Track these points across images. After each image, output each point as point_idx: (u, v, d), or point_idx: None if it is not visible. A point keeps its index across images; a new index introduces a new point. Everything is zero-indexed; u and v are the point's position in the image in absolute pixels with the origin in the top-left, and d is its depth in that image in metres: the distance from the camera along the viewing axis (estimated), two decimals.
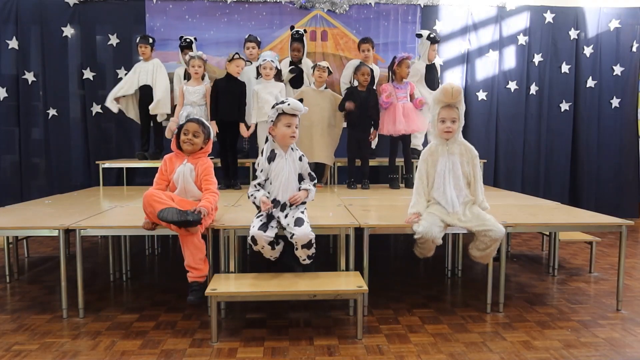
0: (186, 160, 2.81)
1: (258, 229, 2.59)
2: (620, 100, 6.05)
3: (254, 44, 5.21)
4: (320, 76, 4.59)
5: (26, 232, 3.27)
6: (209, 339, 2.48)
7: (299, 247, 2.64)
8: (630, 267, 3.94)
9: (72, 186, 5.38)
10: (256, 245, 2.62)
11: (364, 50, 5.09)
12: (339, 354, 2.33)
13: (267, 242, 2.61)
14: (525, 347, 2.43)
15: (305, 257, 2.69)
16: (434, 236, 2.70)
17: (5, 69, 5.51)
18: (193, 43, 5.16)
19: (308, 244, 2.62)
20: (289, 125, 2.69)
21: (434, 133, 2.88)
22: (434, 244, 2.75)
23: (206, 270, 2.72)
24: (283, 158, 2.75)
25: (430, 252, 2.85)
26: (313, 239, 2.63)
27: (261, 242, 2.60)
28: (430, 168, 2.87)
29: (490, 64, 5.89)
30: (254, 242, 2.61)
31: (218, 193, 2.83)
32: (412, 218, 2.83)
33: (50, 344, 2.44)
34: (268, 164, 2.74)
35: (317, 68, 4.60)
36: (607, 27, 5.97)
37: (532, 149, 6.01)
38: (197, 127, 2.80)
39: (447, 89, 2.73)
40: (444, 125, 2.79)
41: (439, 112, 2.80)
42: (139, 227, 2.72)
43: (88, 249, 4.54)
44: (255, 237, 2.58)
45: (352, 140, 4.67)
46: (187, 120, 2.85)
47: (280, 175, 2.73)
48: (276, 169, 2.74)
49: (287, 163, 2.74)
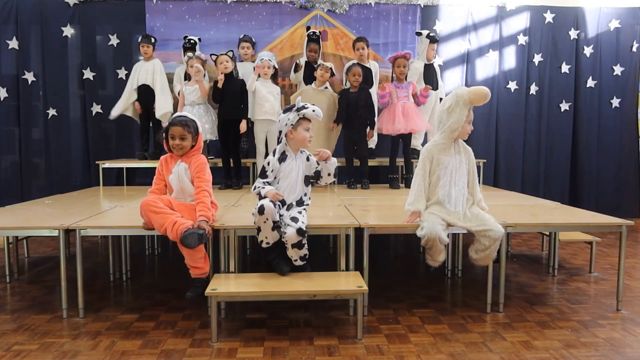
0: (180, 160, 2.81)
1: (269, 201, 2.58)
2: (620, 100, 6.05)
3: (248, 44, 5.22)
4: (323, 75, 4.61)
5: (26, 232, 3.27)
6: (209, 339, 2.48)
7: (289, 246, 2.61)
8: (630, 267, 3.94)
9: (72, 186, 5.39)
10: (261, 215, 2.53)
11: (359, 48, 5.10)
12: (339, 354, 2.33)
13: (273, 217, 2.56)
14: (525, 347, 2.43)
15: (297, 258, 2.65)
16: (439, 234, 2.68)
17: (5, 69, 5.52)
18: (197, 44, 5.17)
19: (298, 244, 2.59)
20: (307, 130, 2.75)
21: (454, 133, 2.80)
22: (441, 244, 2.72)
23: (207, 268, 2.71)
24: (293, 160, 2.77)
25: (441, 256, 2.80)
26: (304, 240, 2.59)
27: (268, 214, 2.53)
28: (435, 166, 2.85)
29: (490, 64, 5.89)
30: (260, 211, 2.53)
31: (209, 190, 2.78)
32: (413, 218, 2.82)
33: (50, 344, 2.44)
34: (279, 164, 2.76)
35: (321, 67, 4.63)
36: (607, 27, 5.97)
37: (532, 149, 6.01)
38: (182, 130, 2.73)
39: (484, 93, 2.72)
40: (470, 126, 2.83)
41: (468, 114, 2.78)
42: (139, 227, 2.72)
43: (88, 249, 4.54)
44: (265, 206, 2.53)
45: (348, 141, 4.69)
46: (170, 124, 2.76)
47: (289, 176, 2.75)
48: (286, 169, 2.76)
49: (296, 164, 2.76)
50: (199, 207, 2.70)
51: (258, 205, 2.56)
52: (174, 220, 2.57)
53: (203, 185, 2.76)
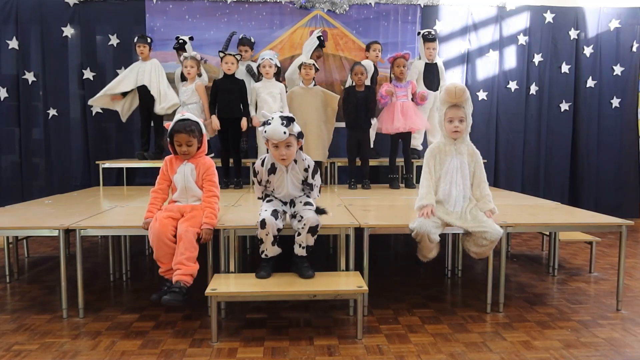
0: (186, 161, 2.82)
1: (270, 215, 2.57)
2: (620, 100, 6.05)
3: (247, 47, 5.22)
4: (307, 74, 4.57)
5: (26, 232, 3.27)
6: (209, 339, 2.48)
7: (304, 231, 2.59)
8: (630, 267, 3.94)
9: (72, 186, 5.39)
10: (263, 229, 2.56)
11: (375, 50, 5.23)
12: (339, 354, 2.33)
13: (273, 231, 2.58)
14: (525, 347, 2.43)
15: (305, 245, 2.65)
16: (428, 231, 2.69)
17: (5, 69, 5.52)
18: (187, 44, 5.12)
19: (315, 228, 2.61)
20: (276, 147, 2.57)
21: (442, 133, 2.90)
22: (430, 243, 2.74)
23: (194, 270, 2.62)
24: (283, 172, 2.71)
25: (431, 253, 2.84)
26: (320, 226, 2.62)
27: (269, 229, 2.56)
28: (437, 165, 2.87)
29: (490, 64, 5.89)
30: (262, 225, 2.55)
31: (219, 194, 2.83)
32: (425, 211, 2.78)
33: (50, 344, 2.44)
34: (268, 175, 2.73)
35: (304, 66, 4.57)
36: (607, 27, 5.97)
37: (532, 149, 6.01)
38: (187, 137, 2.71)
39: (451, 89, 2.74)
40: (452, 125, 2.81)
41: (445, 112, 2.81)
42: (139, 227, 2.72)
43: (88, 249, 4.54)
44: (266, 221, 2.54)
45: (352, 141, 4.66)
46: (174, 130, 2.73)
47: (282, 187, 2.74)
48: (278, 180, 2.73)
49: (287, 176, 2.71)
50: (206, 212, 2.72)
51: (259, 219, 2.58)
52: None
53: (214, 190, 2.79)
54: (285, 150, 2.58)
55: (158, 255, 2.65)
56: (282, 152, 2.58)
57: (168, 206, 2.79)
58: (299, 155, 2.71)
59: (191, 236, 2.62)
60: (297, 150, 2.68)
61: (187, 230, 2.61)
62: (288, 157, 2.61)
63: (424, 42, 5.20)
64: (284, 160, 2.62)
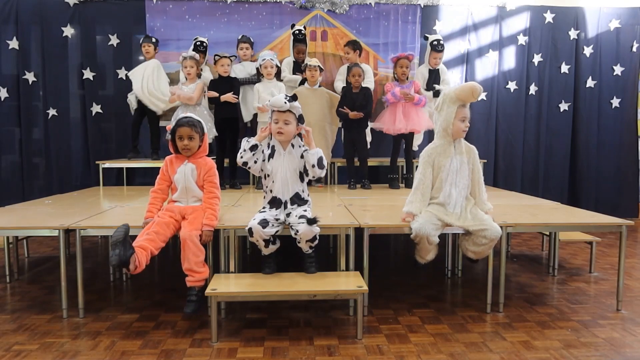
0: (187, 161, 2.82)
1: (258, 223, 2.60)
2: (620, 100, 6.05)
3: (247, 44, 5.22)
4: (313, 75, 4.58)
5: (26, 232, 3.27)
6: (209, 339, 2.48)
7: (302, 241, 2.65)
8: (630, 267, 3.94)
9: (72, 186, 5.39)
10: (252, 237, 2.64)
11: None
12: (339, 354, 2.33)
13: (262, 239, 2.63)
14: (525, 347, 2.43)
15: (308, 248, 2.72)
16: (428, 233, 2.69)
17: (5, 69, 5.51)
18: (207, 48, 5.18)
19: (311, 240, 2.66)
20: (276, 121, 2.68)
21: (447, 132, 2.79)
22: (430, 244, 2.74)
23: (206, 274, 2.70)
24: (281, 155, 2.75)
25: (429, 254, 2.84)
26: (317, 233, 2.65)
27: (257, 237, 2.62)
28: (437, 170, 2.84)
29: (490, 64, 5.89)
30: (250, 234, 2.63)
31: (220, 196, 2.86)
32: (406, 218, 2.83)
33: (50, 344, 2.44)
34: (268, 160, 2.76)
35: (309, 68, 4.58)
36: (607, 27, 5.97)
37: (531, 149, 6.01)
38: (189, 130, 2.76)
39: (473, 90, 2.65)
40: (464, 124, 2.77)
41: (457, 111, 2.73)
42: (139, 227, 2.72)
43: (88, 249, 4.54)
44: (253, 230, 2.60)
45: (347, 141, 4.68)
46: (177, 125, 2.77)
47: (279, 173, 2.75)
48: (275, 166, 2.75)
49: (284, 160, 2.74)
50: (207, 213, 2.74)
51: (247, 227, 2.63)
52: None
53: (215, 192, 2.82)
54: (283, 125, 2.66)
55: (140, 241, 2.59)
56: (281, 125, 2.66)
57: (168, 206, 2.80)
58: (297, 141, 2.77)
59: (195, 239, 2.64)
60: (297, 138, 2.75)
61: (190, 233, 2.62)
62: (286, 133, 2.68)
63: (432, 51, 5.16)
64: (281, 134, 2.68)
